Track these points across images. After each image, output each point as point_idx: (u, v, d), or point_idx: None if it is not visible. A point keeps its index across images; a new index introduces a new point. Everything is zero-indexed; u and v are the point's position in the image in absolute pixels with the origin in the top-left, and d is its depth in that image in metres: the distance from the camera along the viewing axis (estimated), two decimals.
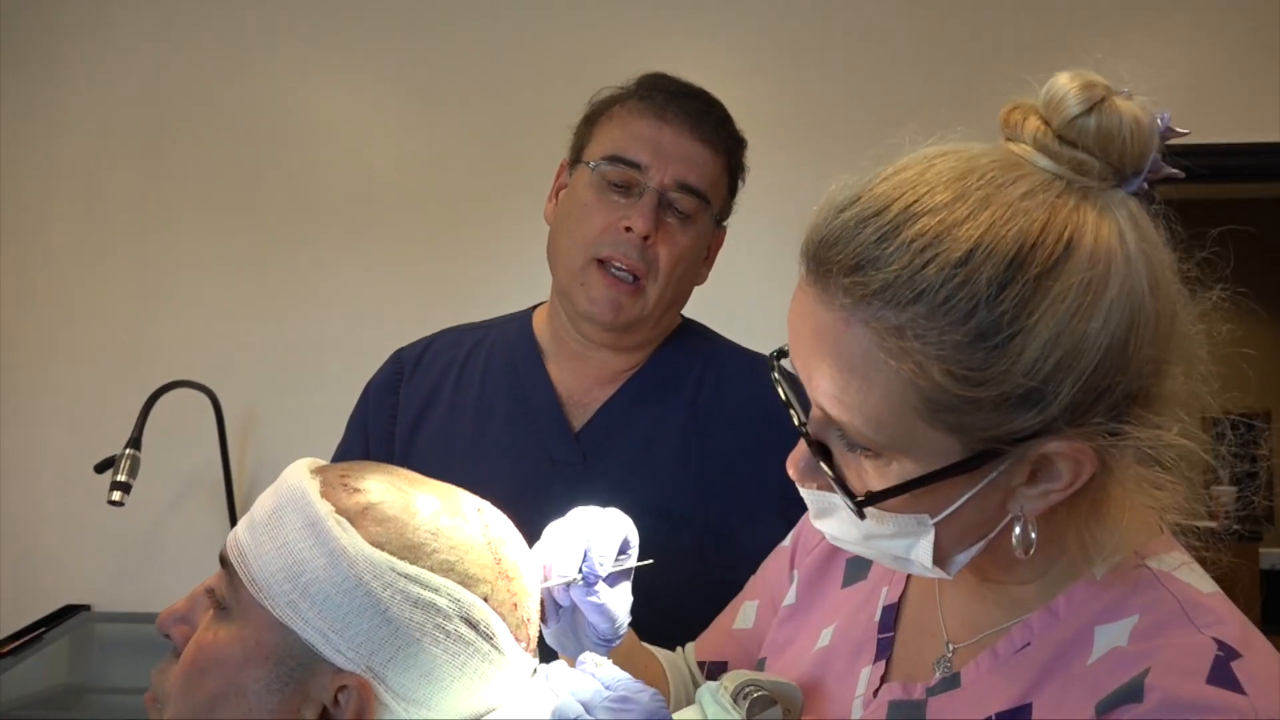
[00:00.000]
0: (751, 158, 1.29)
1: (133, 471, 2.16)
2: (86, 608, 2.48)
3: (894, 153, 0.66)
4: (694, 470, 1.20)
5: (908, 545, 0.66)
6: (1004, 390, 0.59)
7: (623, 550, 0.82)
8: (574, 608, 0.81)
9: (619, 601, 0.80)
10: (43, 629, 2.33)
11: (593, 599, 0.78)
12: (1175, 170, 0.62)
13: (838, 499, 0.67)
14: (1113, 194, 0.61)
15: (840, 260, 0.61)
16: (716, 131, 1.19)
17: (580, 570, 0.78)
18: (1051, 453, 0.61)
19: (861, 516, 0.66)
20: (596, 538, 0.79)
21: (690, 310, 1.34)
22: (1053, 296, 0.58)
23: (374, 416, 1.30)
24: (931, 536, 0.65)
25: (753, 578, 1.02)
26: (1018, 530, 0.65)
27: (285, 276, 2.63)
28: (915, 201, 0.60)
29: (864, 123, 2.43)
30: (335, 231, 2.64)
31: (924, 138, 0.66)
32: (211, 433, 2.42)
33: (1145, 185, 0.62)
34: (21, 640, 2.27)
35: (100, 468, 2.22)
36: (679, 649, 1.04)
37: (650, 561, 0.85)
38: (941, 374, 0.58)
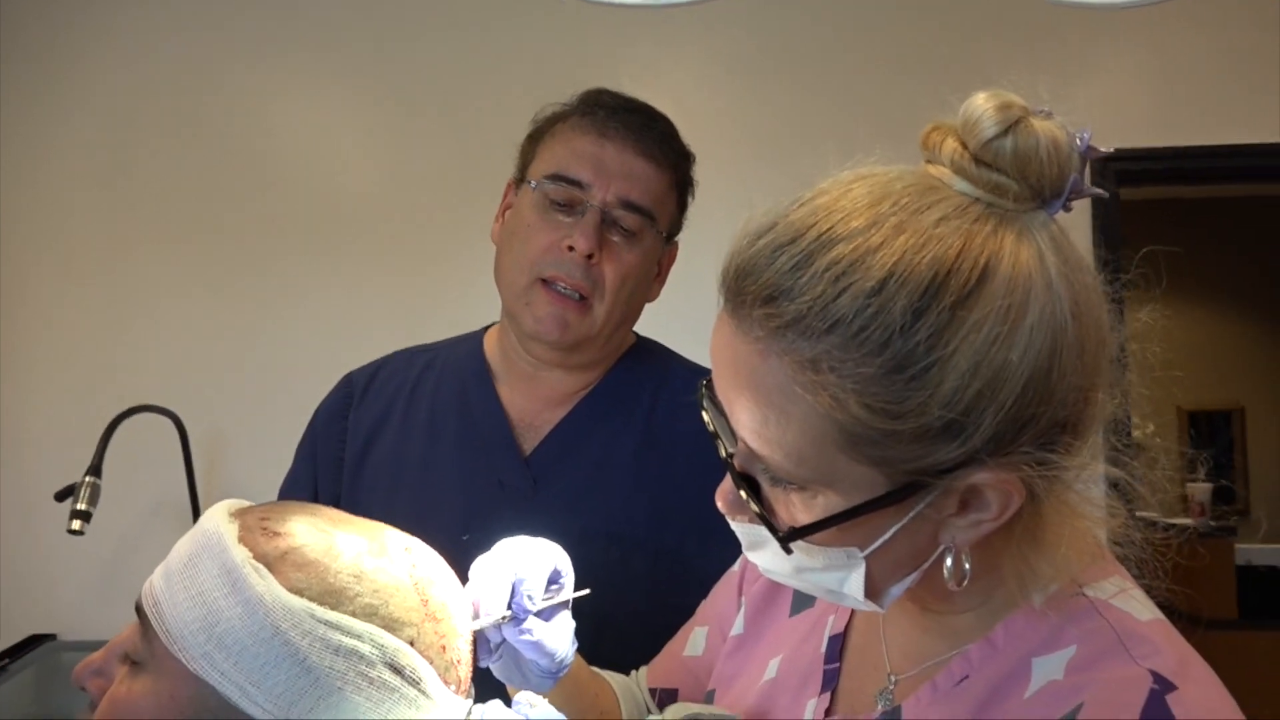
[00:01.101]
0: (711, 167, 1.27)
1: (93, 500, 2.12)
2: (53, 637, 2.45)
3: (819, 174, 0.64)
4: (647, 493, 1.18)
5: (839, 579, 0.65)
6: (923, 422, 0.57)
7: (554, 581, 0.79)
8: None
9: (556, 635, 0.77)
10: (7, 660, 2.30)
11: (526, 636, 0.75)
12: (1098, 190, 0.61)
13: (767, 532, 0.65)
14: (1033, 216, 0.59)
15: (755, 290, 0.59)
16: (660, 146, 1.17)
17: (509, 607, 0.75)
18: (979, 484, 0.60)
19: (788, 551, 0.64)
20: (524, 571, 0.76)
21: (647, 327, 1.31)
22: (969, 325, 0.56)
23: (322, 444, 1.28)
24: (863, 570, 0.64)
25: (703, 603, 1.00)
26: (949, 562, 0.63)
27: (249, 297, 2.60)
28: (830, 229, 0.58)
29: (842, 133, 2.43)
30: (301, 251, 2.61)
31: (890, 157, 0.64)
32: (177, 457, 2.39)
33: (1068, 206, 0.60)
34: None
35: (60, 496, 2.19)
36: (632, 673, 1.02)
37: (587, 591, 0.82)
38: (859, 407, 0.57)
